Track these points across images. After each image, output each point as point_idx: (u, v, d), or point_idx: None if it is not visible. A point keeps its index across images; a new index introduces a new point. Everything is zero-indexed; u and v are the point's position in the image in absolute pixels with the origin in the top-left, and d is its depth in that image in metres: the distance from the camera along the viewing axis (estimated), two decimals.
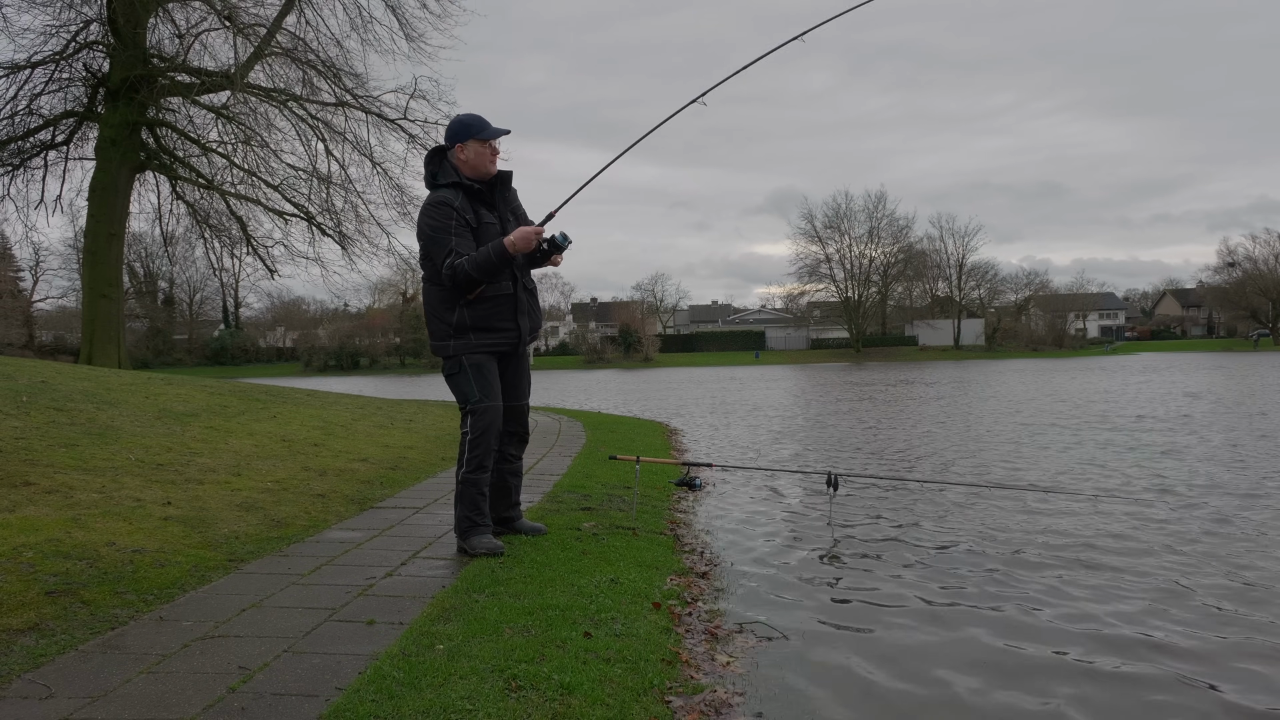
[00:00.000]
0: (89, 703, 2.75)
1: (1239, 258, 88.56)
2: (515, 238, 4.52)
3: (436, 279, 4.66)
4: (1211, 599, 4.57)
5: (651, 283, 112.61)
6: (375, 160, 20.77)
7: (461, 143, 4.69)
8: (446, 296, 4.67)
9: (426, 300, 4.78)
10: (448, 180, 4.68)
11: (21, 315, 60.06)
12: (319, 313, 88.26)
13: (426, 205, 4.68)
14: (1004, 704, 3.32)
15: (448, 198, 4.63)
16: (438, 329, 4.73)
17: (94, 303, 19.41)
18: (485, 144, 4.69)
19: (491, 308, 4.68)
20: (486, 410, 4.66)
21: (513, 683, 2.95)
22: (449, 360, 4.71)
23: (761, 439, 13.50)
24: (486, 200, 4.75)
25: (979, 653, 3.85)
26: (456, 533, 4.78)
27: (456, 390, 4.73)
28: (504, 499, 5.04)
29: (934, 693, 3.43)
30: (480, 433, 4.64)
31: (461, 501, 4.71)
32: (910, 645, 3.95)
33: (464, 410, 4.72)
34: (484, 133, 4.68)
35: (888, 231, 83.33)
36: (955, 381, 31.89)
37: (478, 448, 4.64)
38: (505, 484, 5.01)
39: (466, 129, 4.69)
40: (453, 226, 4.57)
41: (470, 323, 4.66)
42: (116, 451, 6.60)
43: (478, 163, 4.69)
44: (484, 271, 4.53)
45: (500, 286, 4.68)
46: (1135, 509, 6.97)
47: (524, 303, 4.80)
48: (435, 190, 4.71)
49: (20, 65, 19.12)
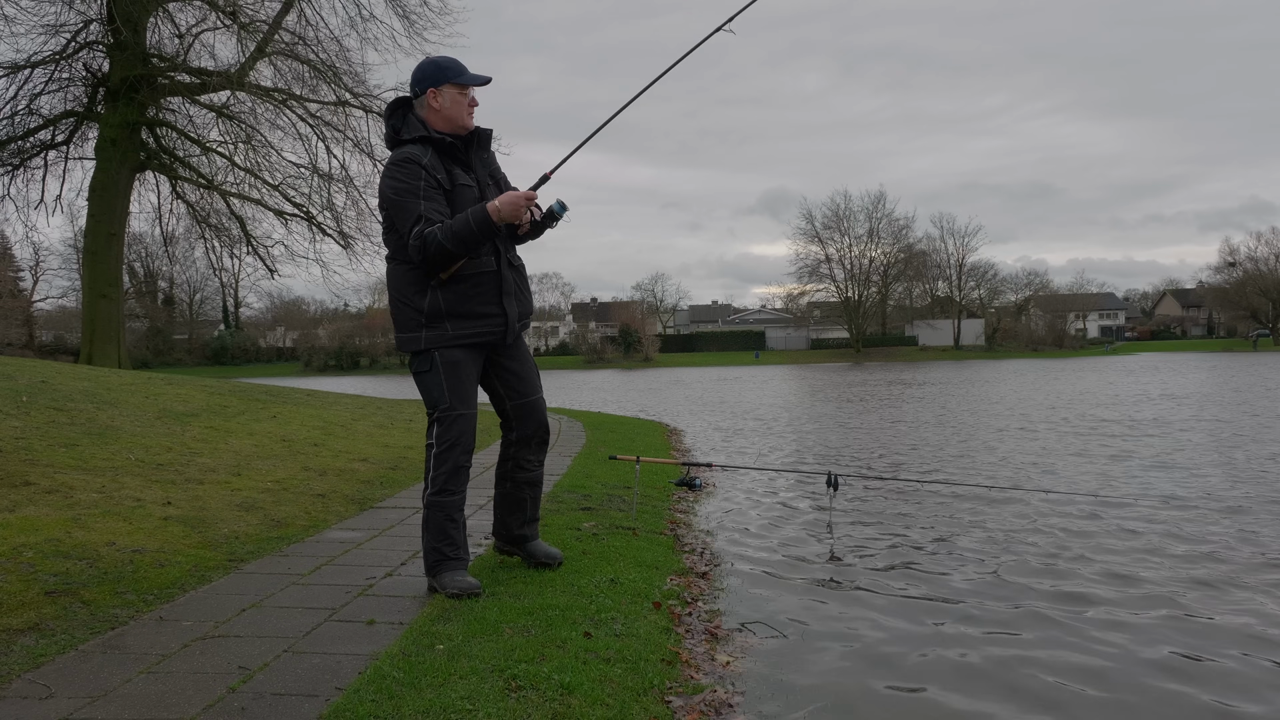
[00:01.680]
0: (89, 703, 2.75)
1: (1240, 257, 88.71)
2: (501, 204, 3.77)
3: (403, 255, 3.88)
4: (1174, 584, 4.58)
5: (651, 283, 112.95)
6: (376, 159, 20.78)
7: (435, 87, 3.91)
8: (415, 277, 3.88)
9: (391, 283, 3.98)
10: (413, 135, 3.92)
11: (21, 315, 60.02)
12: (319, 313, 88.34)
13: (389, 164, 3.91)
14: (1004, 703, 3.32)
15: (414, 154, 3.85)
16: (405, 317, 3.93)
17: (94, 303, 19.43)
18: (463, 90, 3.94)
19: (471, 289, 3.89)
20: (457, 420, 3.89)
21: (513, 683, 2.95)
22: (418, 356, 3.92)
23: (761, 439, 13.50)
24: (461, 159, 3.98)
25: (979, 653, 3.85)
26: (425, 568, 3.98)
27: (424, 391, 3.95)
28: (516, 513, 4.28)
29: (934, 693, 3.43)
30: (448, 446, 3.88)
31: (427, 530, 3.92)
32: (910, 645, 3.94)
33: (430, 416, 3.94)
34: (461, 77, 3.93)
35: (888, 231, 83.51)
36: (944, 383, 31.88)
37: (444, 464, 3.88)
38: (519, 495, 4.25)
39: (441, 71, 3.93)
40: (421, 188, 3.81)
41: (445, 308, 3.86)
42: (116, 451, 6.60)
43: (453, 112, 3.92)
44: (461, 243, 3.74)
45: (480, 263, 3.90)
46: (1142, 511, 6.97)
47: (510, 282, 4.00)
48: (399, 147, 3.94)
49: (20, 65, 19.14)
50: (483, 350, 4.02)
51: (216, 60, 20.44)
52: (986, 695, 3.40)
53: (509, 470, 4.25)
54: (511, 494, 4.26)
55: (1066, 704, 3.32)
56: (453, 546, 3.92)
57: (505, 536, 4.37)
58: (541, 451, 4.28)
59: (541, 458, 4.29)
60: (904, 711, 3.28)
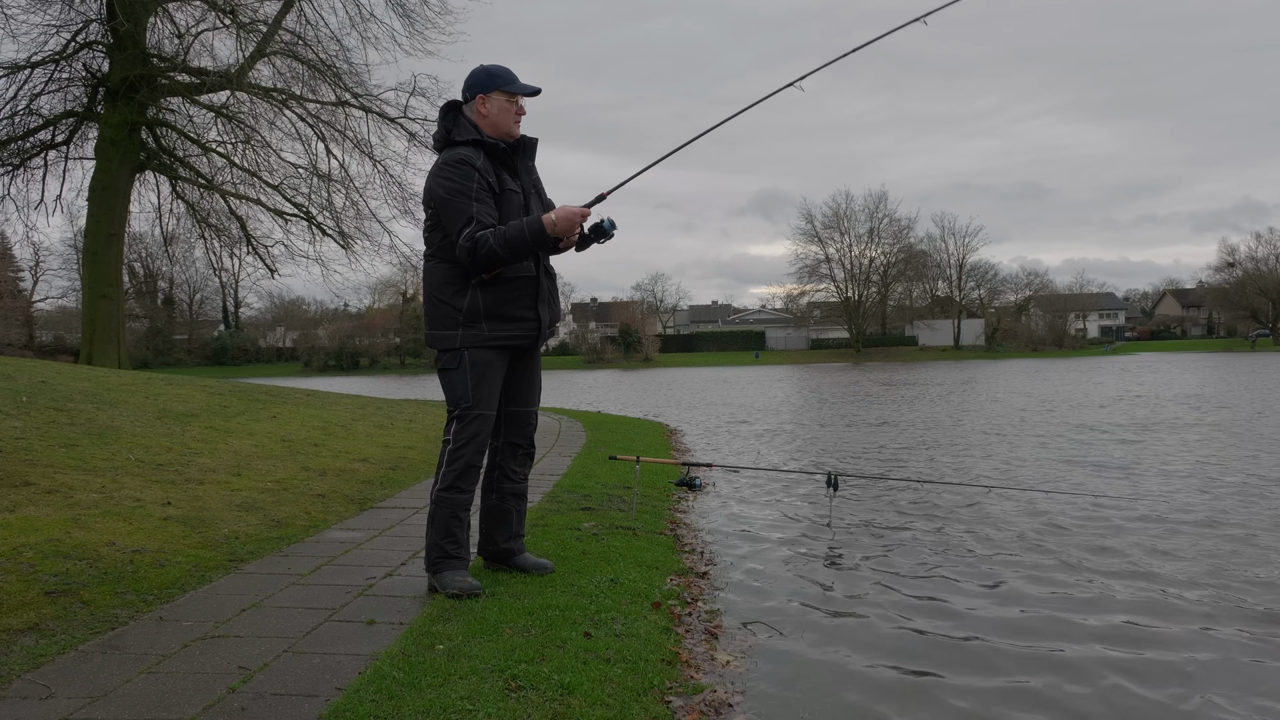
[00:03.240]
0: (89, 703, 2.75)
1: (1240, 257, 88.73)
2: (558, 218, 3.82)
3: (446, 253, 3.93)
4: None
5: (651, 283, 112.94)
6: (376, 159, 20.80)
7: (485, 93, 4.01)
8: (455, 276, 3.93)
9: (429, 280, 4.02)
10: (465, 137, 3.98)
11: (21, 315, 60.03)
12: (319, 313, 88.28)
13: (441, 164, 3.96)
14: (1005, 704, 3.32)
15: (468, 155, 3.91)
16: (442, 315, 3.96)
17: (94, 303, 19.42)
18: (512, 99, 4.03)
19: (510, 291, 3.95)
20: (476, 419, 3.95)
21: (513, 683, 2.95)
22: (448, 353, 3.96)
23: (761, 439, 13.50)
24: (509, 165, 4.06)
25: (979, 652, 3.85)
26: (426, 565, 4.02)
27: (448, 389, 4.00)
28: (503, 527, 4.26)
29: (935, 692, 3.43)
30: (464, 443, 3.94)
31: (433, 525, 3.95)
32: (910, 644, 3.95)
33: (451, 414, 4.01)
34: (511, 86, 4.02)
35: (888, 231, 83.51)
36: (945, 383, 31.88)
37: (457, 461, 3.93)
38: (505, 508, 4.24)
39: (492, 79, 4.02)
40: (473, 190, 3.85)
41: (484, 309, 3.92)
42: (116, 451, 6.60)
43: (500, 120, 4.01)
44: (514, 251, 3.81)
45: (521, 268, 3.97)
46: (1143, 512, 6.97)
47: (545, 289, 4.07)
48: (451, 148, 4.00)
49: (20, 65, 19.12)
50: (511, 353, 4.07)
51: (216, 60, 20.47)
52: (988, 695, 3.40)
53: (495, 480, 4.23)
54: (497, 506, 4.24)
55: (1068, 704, 3.32)
56: (455, 545, 3.95)
57: (492, 553, 4.32)
58: (527, 464, 4.31)
59: (526, 471, 4.31)
60: (904, 711, 3.28)
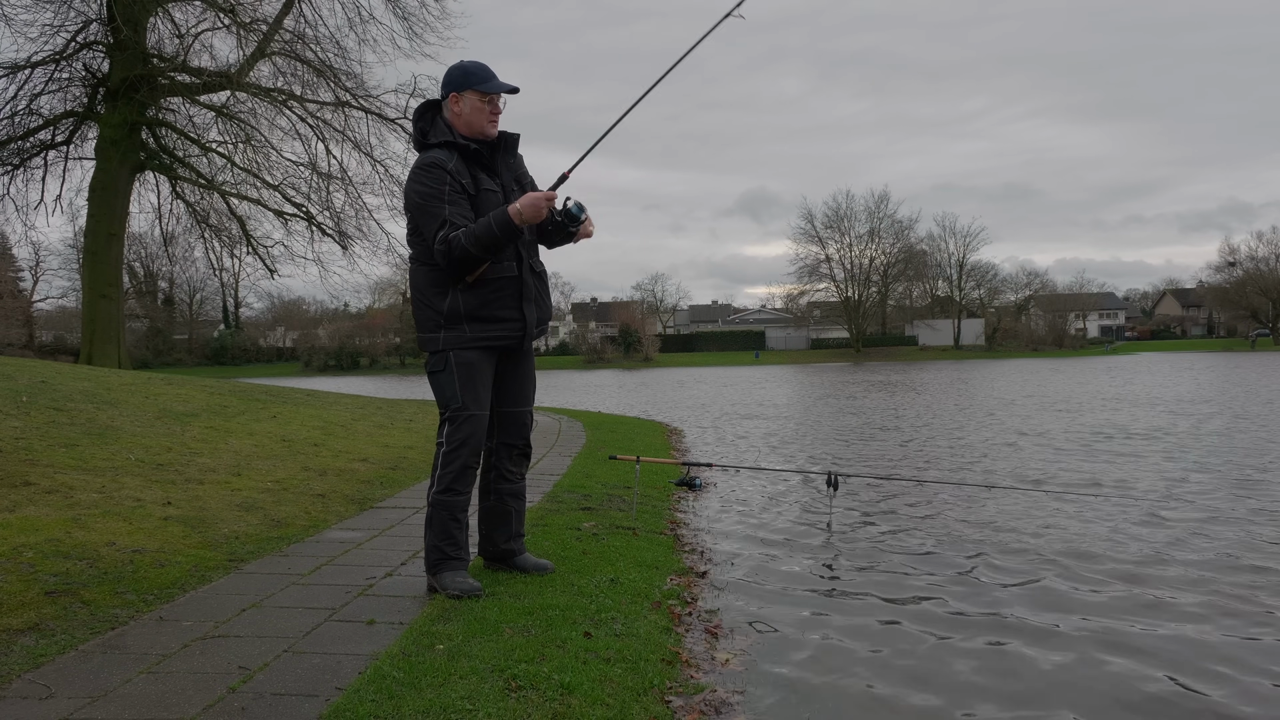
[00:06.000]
0: (89, 703, 2.75)
1: (1240, 257, 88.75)
2: (522, 205, 3.81)
3: (428, 257, 3.95)
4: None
5: (651, 283, 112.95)
6: (375, 159, 20.79)
7: (458, 92, 3.96)
8: (437, 278, 3.96)
9: (414, 284, 4.06)
10: (440, 139, 3.98)
11: (21, 315, 60.03)
12: (319, 313, 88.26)
13: (415, 168, 3.98)
14: (1006, 704, 3.32)
15: (440, 158, 3.92)
16: (426, 318, 4.01)
17: (94, 303, 19.42)
18: (485, 99, 3.96)
19: (491, 293, 3.96)
20: (468, 420, 3.96)
21: (513, 682, 2.95)
22: (434, 355, 4.01)
23: (761, 439, 13.50)
24: (486, 164, 4.04)
25: (979, 652, 3.85)
26: (426, 566, 4.04)
27: (438, 391, 4.03)
28: (502, 527, 4.25)
29: (933, 692, 3.43)
30: (457, 445, 3.95)
31: (431, 527, 3.96)
32: (911, 644, 3.94)
33: (443, 416, 4.03)
34: (486, 85, 3.95)
35: (889, 231, 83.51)
36: (945, 384, 31.88)
37: (452, 463, 3.95)
38: (504, 508, 4.23)
39: (466, 77, 3.96)
40: (446, 193, 3.87)
41: (465, 310, 3.94)
42: (116, 451, 6.60)
43: (473, 119, 3.96)
44: (484, 247, 3.81)
45: (502, 268, 3.97)
46: (1145, 509, 6.97)
47: (530, 288, 4.06)
48: (425, 151, 4.01)
49: (20, 65, 19.12)
50: (498, 353, 4.08)
51: (216, 60, 20.46)
52: (988, 695, 3.40)
53: (491, 481, 4.22)
54: (496, 507, 4.23)
55: (1070, 704, 3.32)
56: (455, 546, 3.96)
57: (492, 554, 4.32)
58: (523, 464, 4.29)
59: (523, 470, 4.29)
60: (904, 711, 3.28)
